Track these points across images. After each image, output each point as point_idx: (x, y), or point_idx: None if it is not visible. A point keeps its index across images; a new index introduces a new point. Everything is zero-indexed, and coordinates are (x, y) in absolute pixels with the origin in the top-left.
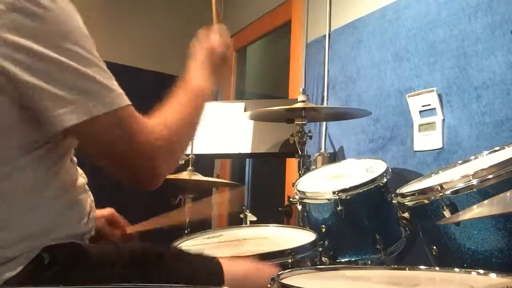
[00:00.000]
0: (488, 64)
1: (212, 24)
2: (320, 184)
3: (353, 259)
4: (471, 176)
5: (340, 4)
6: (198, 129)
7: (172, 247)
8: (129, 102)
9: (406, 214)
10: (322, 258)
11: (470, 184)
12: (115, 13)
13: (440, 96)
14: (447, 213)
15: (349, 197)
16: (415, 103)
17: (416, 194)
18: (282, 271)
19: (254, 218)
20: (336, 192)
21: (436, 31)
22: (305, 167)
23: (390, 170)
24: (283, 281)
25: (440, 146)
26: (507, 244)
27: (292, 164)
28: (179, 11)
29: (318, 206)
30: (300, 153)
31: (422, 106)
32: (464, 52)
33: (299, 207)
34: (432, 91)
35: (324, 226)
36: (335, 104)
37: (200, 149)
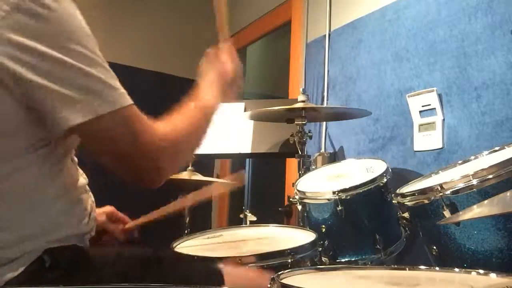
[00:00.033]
0: (488, 64)
1: (220, 40)
2: (320, 184)
3: (353, 259)
4: (471, 176)
5: (340, 4)
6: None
7: (172, 251)
8: (132, 102)
9: (406, 214)
10: (322, 258)
11: (470, 184)
12: (115, 13)
13: (440, 96)
14: (447, 213)
15: (349, 197)
16: (415, 103)
17: (416, 194)
18: (282, 271)
19: (254, 218)
20: (336, 192)
21: (436, 31)
22: (305, 167)
23: (390, 170)
24: (283, 281)
25: (440, 146)
26: (507, 244)
27: (292, 164)
28: (179, 11)
29: (318, 206)
30: (300, 153)
31: (422, 106)
32: (464, 52)
33: (299, 207)
34: (432, 91)
35: (324, 226)
36: (335, 104)
37: (200, 149)
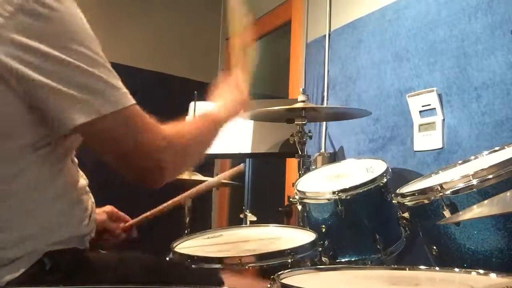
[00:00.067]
0: (488, 64)
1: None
2: (320, 184)
3: (353, 259)
4: (471, 176)
5: (340, 4)
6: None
7: (172, 254)
8: (134, 102)
9: (406, 214)
10: (322, 258)
11: (470, 184)
12: (115, 13)
13: (440, 96)
14: (447, 213)
15: (349, 197)
16: (415, 103)
17: (416, 194)
18: (282, 271)
19: (254, 218)
20: (336, 192)
21: (436, 31)
22: (305, 167)
23: (390, 170)
24: (283, 281)
25: (440, 146)
26: (507, 244)
27: (292, 164)
28: (179, 11)
29: (318, 206)
30: (300, 153)
31: (422, 106)
32: (464, 52)
33: (299, 207)
34: (432, 91)
35: (324, 226)
36: (335, 104)
37: None
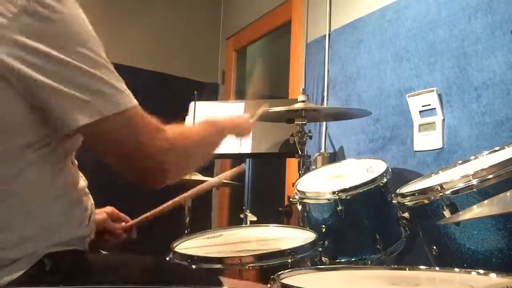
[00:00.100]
0: (488, 64)
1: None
2: (320, 184)
3: (353, 259)
4: (471, 176)
5: (340, 4)
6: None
7: (172, 256)
8: (137, 103)
9: (406, 214)
10: (322, 258)
11: (470, 184)
12: (115, 13)
13: (440, 96)
14: (447, 213)
15: (349, 197)
16: (415, 103)
17: (416, 194)
18: (282, 271)
19: (254, 218)
20: (336, 192)
21: (436, 31)
22: (305, 167)
23: (390, 170)
24: (283, 281)
25: (440, 146)
26: (507, 244)
27: (292, 164)
28: (179, 11)
29: (318, 206)
30: (300, 153)
31: (422, 106)
32: (464, 52)
33: (299, 207)
34: (432, 91)
35: (324, 226)
36: (335, 104)
37: None
